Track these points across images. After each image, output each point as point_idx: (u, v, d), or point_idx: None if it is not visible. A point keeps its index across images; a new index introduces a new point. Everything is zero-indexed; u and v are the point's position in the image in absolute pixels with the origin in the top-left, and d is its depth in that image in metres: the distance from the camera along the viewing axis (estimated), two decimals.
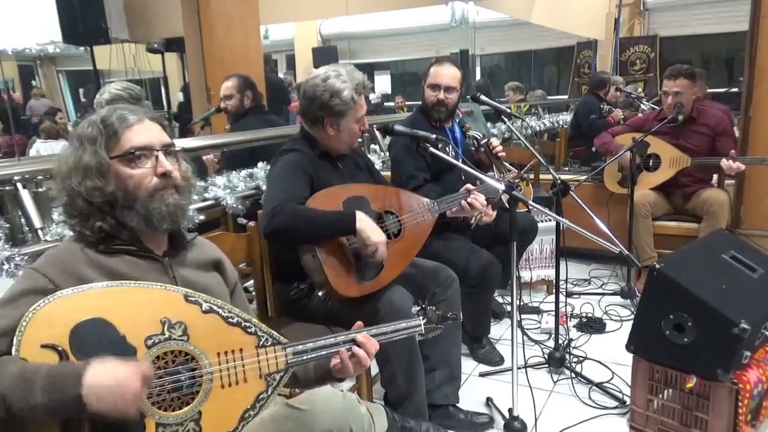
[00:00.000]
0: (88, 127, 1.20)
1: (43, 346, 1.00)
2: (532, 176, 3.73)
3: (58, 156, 1.23)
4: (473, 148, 2.65)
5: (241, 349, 1.17)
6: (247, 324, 1.19)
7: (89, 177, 1.16)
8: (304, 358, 1.23)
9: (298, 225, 1.75)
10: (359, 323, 1.34)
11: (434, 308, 1.44)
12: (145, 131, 1.21)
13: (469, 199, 2.13)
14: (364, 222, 1.78)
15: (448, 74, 2.54)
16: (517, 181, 2.42)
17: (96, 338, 1.04)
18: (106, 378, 0.97)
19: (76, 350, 1.02)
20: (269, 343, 1.20)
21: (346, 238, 1.82)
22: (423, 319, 1.41)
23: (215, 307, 1.17)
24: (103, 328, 1.05)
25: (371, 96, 8.75)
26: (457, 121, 2.74)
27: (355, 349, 1.27)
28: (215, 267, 1.37)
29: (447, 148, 2.55)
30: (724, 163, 3.00)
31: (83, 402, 0.95)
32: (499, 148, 2.59)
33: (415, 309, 1.44)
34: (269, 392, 1.18)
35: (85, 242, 1.19)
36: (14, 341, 1.00)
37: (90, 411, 0.96)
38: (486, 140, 2.63)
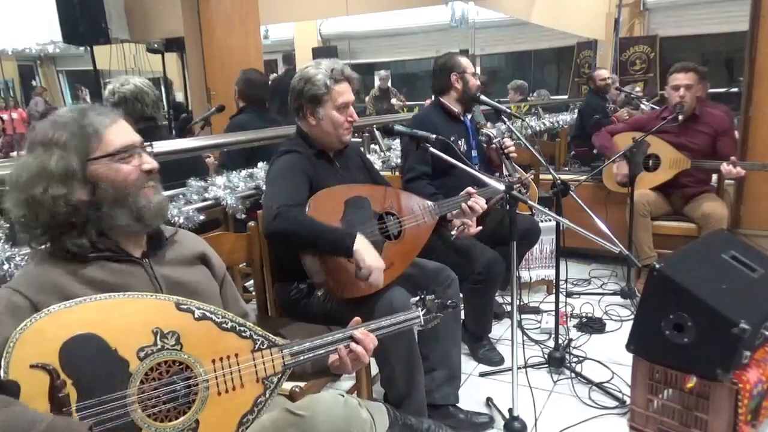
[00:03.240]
0: (57, 130, 1.13)
1: (32, 367, 0.97)
2: (531, 175, 3.74)
3: (15, 164, 1.14)
4: (485, 145, 2.69)
5: (236, 354, 1.15)
6: (242, 328, 1.17)
7: (55, 185, 1.10)
8: (302, 358, 1.22)
9: (299, 233, 1.75)
10: (357, 319, 1.33)
11: (433, 297, 1.42)
12: (124, 130, 1.19)
13: (469, 202, 2.13)
14: (360, 246, 1.76)
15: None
16: (518, 184, 2.42)
17: (86, 354, 1.02)
18: None
19: (67, 368, 1.00)
20: (265, 345, 1.19)
21: None
22: (422, 310, 1.39)
23: (208, 313, 1.14)
24: (93, 343, 1.02)
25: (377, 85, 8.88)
26: (470, 117, 2.78)
27: (353, 345, 1.26)
28: (201, 260, 1.34)
29: (459, 142, 2.57)
30: (724, 167, 2.99)
31: None
32: (512, 148, 2.61)
33: (413, 300, 1.43)
34: (267, 395, 1.17)
35: (55, 257, 1.14)
36: (2, 363, 0.96)
37: None
38: (498, 139, 2.64)
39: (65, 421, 0.95)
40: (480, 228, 2.24)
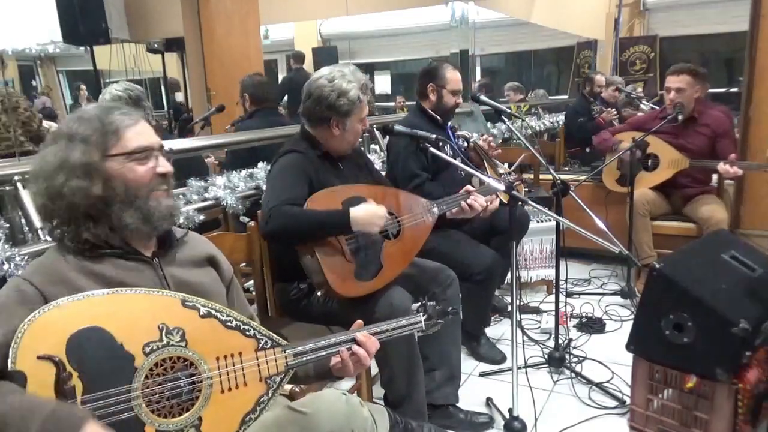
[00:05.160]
0: (81, 124, 1.17)
1: (39, 358, 0.98)
2: (531, 175, 3.75)
3: (40, 154, 1.18)
4: (463, 146, 2.70)
5: (240, 353, 1.16)
6: (246, 327, 1.18)
7: (75, 177, 1.13)
8: (304, 359, 1.23)
9: (294, 227, 1.76)
10: (359, 322, 1.34)
11: (434, 303, 1.43)
12: (145, 132, 1.21)
13: (469, 200, 2.13)
14: (359, 220, 1.77)
15: (460, 79, 2.65)
16: (517, 182, 2.43)
17: (92, 347, 1.03)
18: None
19: (73, 360, 1.01)
20: (269, 345, 1.20)
21: (345, 238, 1.82)
22: (423, 315, 1.40)
23: (213, 311, 1.16)
24: (100, 337, 1.04)
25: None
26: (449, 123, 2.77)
27: (356, 348, 1.27)
28: (209, 263, 1.36)
29: (446, 147, 2.57)
30: (721, 167, 2.98)
31: None
32: (490, 144, 2.62)
33: (414, 306, 1.44)
34: (270, 395, 1.18)
35: (68, 251, 1.16)
36: (10, 353, 0.97)
37: None
38: (474, 138, 2.65)
39: (68, 408, 0.96)
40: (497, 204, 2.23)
